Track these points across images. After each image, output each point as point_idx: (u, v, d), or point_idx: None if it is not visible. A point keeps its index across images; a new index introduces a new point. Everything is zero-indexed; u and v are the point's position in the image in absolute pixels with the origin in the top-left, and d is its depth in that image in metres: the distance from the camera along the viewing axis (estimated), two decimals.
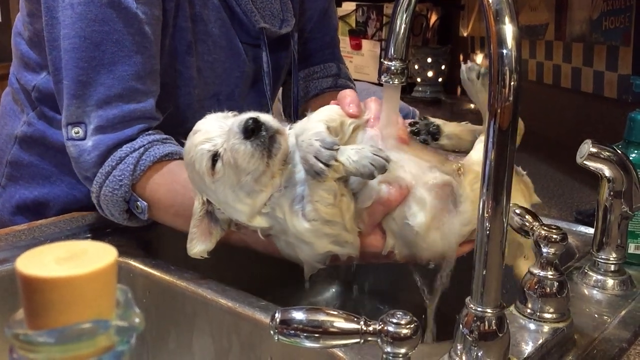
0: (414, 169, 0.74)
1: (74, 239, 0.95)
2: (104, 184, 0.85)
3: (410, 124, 0.82)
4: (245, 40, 1.05)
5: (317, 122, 0.72)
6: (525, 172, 0.83)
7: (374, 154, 0.69)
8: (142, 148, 0.86)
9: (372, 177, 0.69)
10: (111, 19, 0.84)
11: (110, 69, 0.85)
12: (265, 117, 0.71)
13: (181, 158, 0.85)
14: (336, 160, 0.69)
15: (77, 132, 0.86)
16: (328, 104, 1.21)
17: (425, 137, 0.81)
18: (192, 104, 1.02)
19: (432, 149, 0.80)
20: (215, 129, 0.74)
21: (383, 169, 0.69)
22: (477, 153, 0.77)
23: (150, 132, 0.89)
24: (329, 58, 1.25)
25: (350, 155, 0.69)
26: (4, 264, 0.85)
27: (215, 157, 0.72)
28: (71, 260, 0.31)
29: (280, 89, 1.24)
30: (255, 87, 1.11)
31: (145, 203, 0.85)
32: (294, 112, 1.15)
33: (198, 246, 0.77)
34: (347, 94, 0.78)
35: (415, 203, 0.73)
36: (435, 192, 0.74)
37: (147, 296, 0.86)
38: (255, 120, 0.70)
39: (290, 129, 0.76)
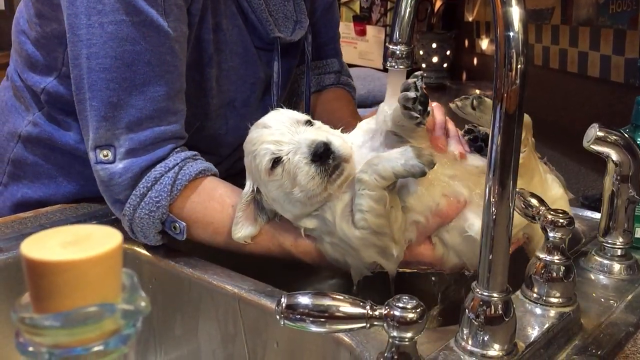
0: (470, 180, 0.75)
1: None
2: (138, 206, 0.82)
3: (466, 132, 0.80)
4: (259, 46, 1.04)
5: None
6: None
7: (418, 153, 0.69)
8: (177, 167, 0.83)
9: (423, 174, 0.69)
10: (143, 38, 0.81)
11: (142, 90, 0.82)
12: (337, 145, 0.72)
13: (213, 174, 0.86)
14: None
15: (106, 155, 0.82)
16: (330, 100, 1.14)
17: (481, 144, 0.80)
18: (209, 113, 1.00)
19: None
20: (286, 134, 0.74)
21: (432, 165, 0.69)
22: None
23: (179, 149, 0.86)
24: (331, 54, 1.24)
25: (397, 157, 0.70)
26: (11, 251, 0.85)
27: (277, 160, 0.73)
28: (76, 244, 0.31)
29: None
30: (268, 92, 1.09)
31: (184, 223, 0.82)
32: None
33: (243, 230, 0.79)
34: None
35: (472, 213, 0.74)
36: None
37: (153, 282, 0.86)
38: (327, 147, 0.71)
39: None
